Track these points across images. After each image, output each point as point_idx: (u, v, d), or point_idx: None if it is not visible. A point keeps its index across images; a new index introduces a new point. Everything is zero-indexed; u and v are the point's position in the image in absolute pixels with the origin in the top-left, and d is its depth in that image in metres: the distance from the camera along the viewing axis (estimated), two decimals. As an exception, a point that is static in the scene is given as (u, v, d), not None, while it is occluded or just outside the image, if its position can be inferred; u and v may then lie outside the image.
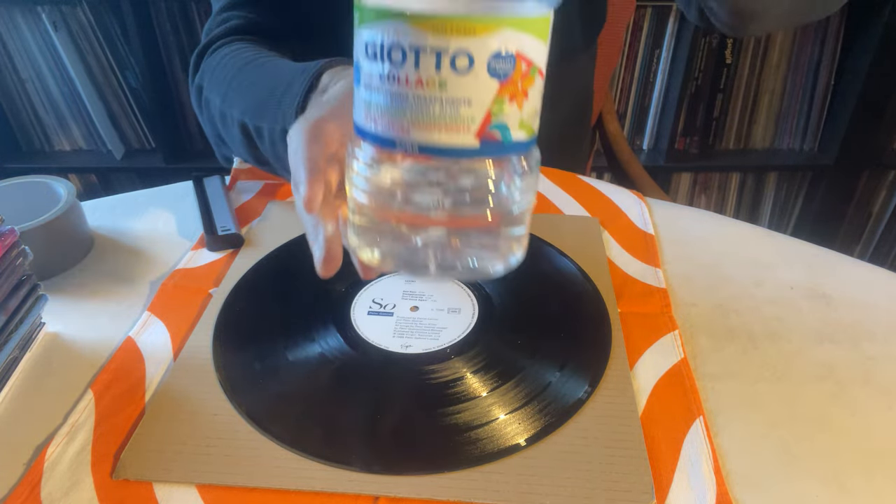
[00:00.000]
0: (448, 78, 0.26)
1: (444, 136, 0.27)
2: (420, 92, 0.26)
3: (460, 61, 0.25)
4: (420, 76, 0.26)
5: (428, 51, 0.25)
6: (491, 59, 0.26)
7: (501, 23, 0.25)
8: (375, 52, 0.26)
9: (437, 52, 0.25)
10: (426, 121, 0.26)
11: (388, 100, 0.26)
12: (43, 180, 0.56)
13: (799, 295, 0.51)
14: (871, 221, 1.63)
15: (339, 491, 0.35)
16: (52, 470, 0.37)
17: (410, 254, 0.29)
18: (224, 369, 0.43)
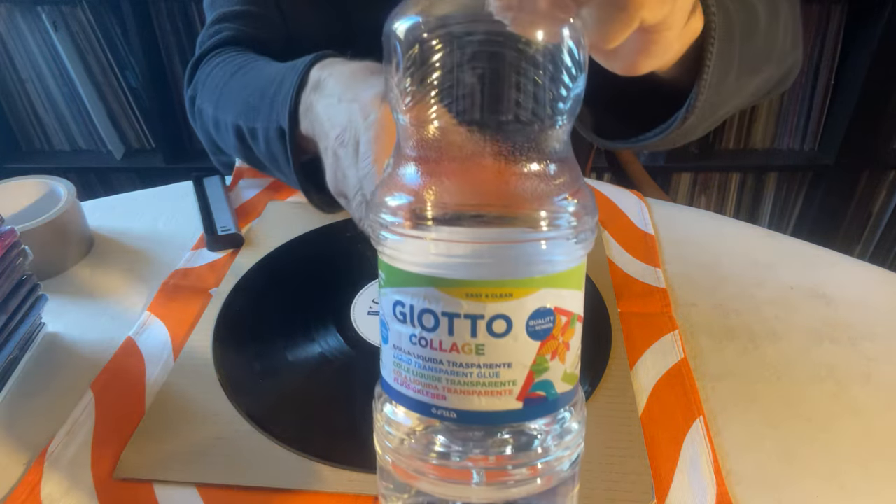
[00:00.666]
0: (486, 343, 0.24)
1: (483, 401, 0.25)
2: (456, 357, 0.24)
3: (498, 326, 0.24)
4: (455, 342, 0.24)
5: (462, 317, 0.24)
6: (529, 320, 0.24)
7: (538, 283, 0.24)
8: (405, 315, 0.25)
9: (472, 318, 0.24)
10: (464, 387, 0.25)
11: (421, 364, 0.25)
12: (43, 180, 0.56)
13: (799, 295, 0.51)
14: (871, 221, 1.63)
15: (339, 491, 0.35)
16: (52, 470, 0.37)
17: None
18: (224, 369, 0.43)
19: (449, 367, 0.24)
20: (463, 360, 0.24)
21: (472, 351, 0.24)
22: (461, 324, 0.24)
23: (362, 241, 0.56)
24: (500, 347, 0.24)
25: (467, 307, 0.24)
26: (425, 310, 0.24)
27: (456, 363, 0.24)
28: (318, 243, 0.56)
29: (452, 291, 0.24)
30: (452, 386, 0.25)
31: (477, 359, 0.24)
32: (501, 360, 0.24)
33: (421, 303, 0.24)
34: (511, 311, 0.24)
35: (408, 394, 0.26)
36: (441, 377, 0.25)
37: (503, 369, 0.24)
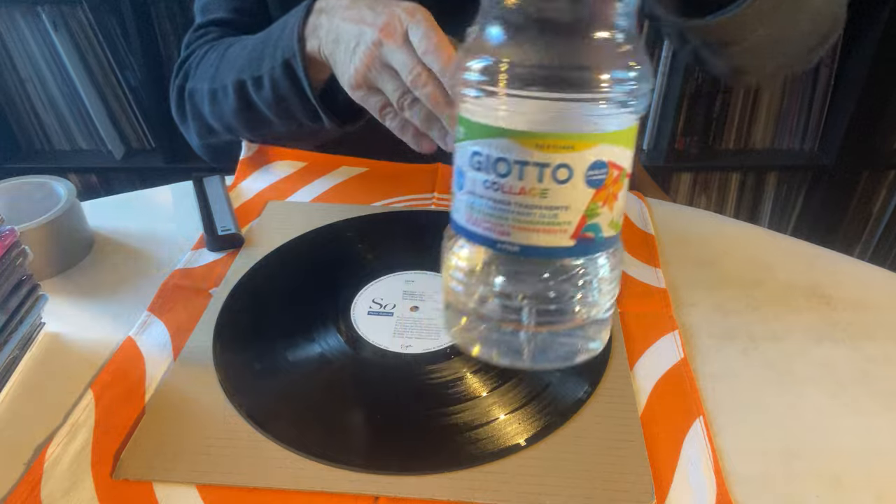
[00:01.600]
0: (549, 188, 0.28)
1: (542, 238, 0.29)
2: (522, 199, 0.29)
3: (561, 174, 0.28)
4: (523, 186, 0.29)
5: (531, 165, 0.28)
6: (588, 170, 0.28)
7: (598, 139, 0.28)
8: (481, 163, 0.29)
9: (540, 165, 0.28)
10: (527, 225, 0.29)
11: (492, 206, 0.29)
12: (43, 180, 0.56)
13: (799, 295, 0.51)
14: (871, 221, 1.63)
15: (339, 491, 0.35)
16: (52, 470, 0.37)
17: (506, 345, 0.33)
18: (224, 369, 0.43)
19: (516, 208, 0.29)
20: (528, 202, 0.29)
21: (538, 194, 0.29)
22: (530, 170, 0.28)
23: (362, 241, 0.56)
24: (561, 192, 0.29)
25: (536, 156, 0.28)
26: (500, 158, 0.28)
27: (522, 204, 0.29)
28: (318, 243, 0.56)
29: (524, 142, 0.28)
30: (518, 224, 0.29)
31: (540, 201, 0.29)
32: (561, 203, 0.29)
33: (496, 152, 0.29)
34: (572, 161, 0.28)
35: (478, 231, 0.30)
36: (508, 217, 0.29)
37: (562, 211, 0.29)
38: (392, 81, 0.47)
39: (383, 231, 0.58)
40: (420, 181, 0.65)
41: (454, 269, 0.33)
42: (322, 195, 0.63)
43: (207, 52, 0.64)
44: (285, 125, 0.58)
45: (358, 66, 0.47)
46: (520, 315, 0.31)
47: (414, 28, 0.45)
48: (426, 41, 0.44)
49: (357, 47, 0.47)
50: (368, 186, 0.64)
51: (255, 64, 0.55)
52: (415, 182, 0.65)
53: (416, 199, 0.62)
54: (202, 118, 0.64)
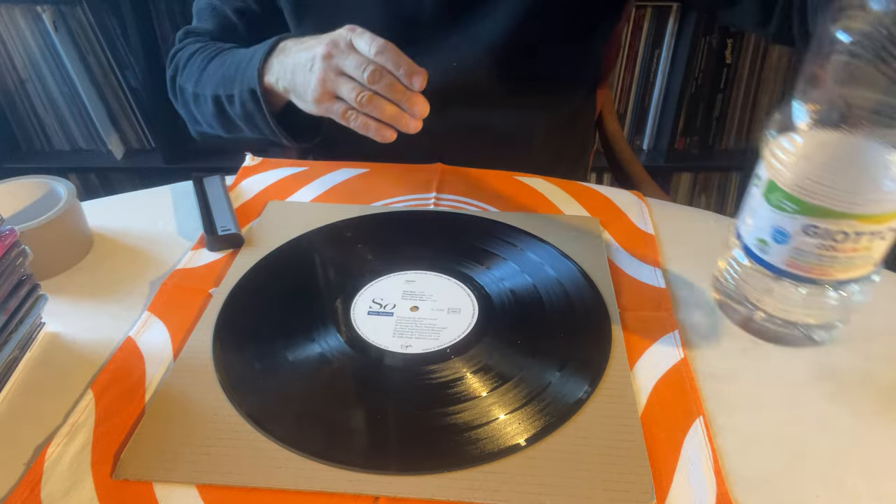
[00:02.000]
0: (872, 245, 0.38)
1: (852, 273, 0.40)
2: (850, 255, 0.38)
3: (878, 235, 0.38)
4: (854, 246, 0.38)
5: (866, 234, 0.37)
6: (889, 229, 0.38)
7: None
8: (817, 232, 0.38)
9: (869, 233, 0.37)
10: (848, 267, 0.39)
11: (819, 259, 0.39)
12: (43, 180, 0.56)
13: (799, 295, 0.50)
14: (871, 221, 1.63)
15: (339, 491, 0.35)
16: (52, 470, 0.37)
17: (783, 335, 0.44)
18: (224, 369, 0.43)
19: (845, 260, 0.39)
20: (854, 255, 0.39)
21: (860, 250, 0.38)
22: (862, 236, 0.38)
23: (362, 241, 0.56)
24: (877, 243, 0.39)
25: (868, 228, 0.37)
26: (839, 230, 0.37)
27: (849, 258, 0.39)
28: (318, 243, 0.56)
29: (863, 219, 0.37)
30: (841, 268, 0.39)
31: (863, 253, 0.39)
32: (875, 253, 0.39)
33: (835, 227, 0.37)
34: (888, 225, 0.38)
35: (799, 274, 0.40)
36: (835, 265, 0.39)
37: (876, 254, 0.39)
38: (347, 84, 0.53)
39: (383, 231, 0.58)
40: (420, 181, 0.65)
41: (760, 290, 0.43)
42: (322, 195, 0.63)
43: (195, 52, 0.72)
44: (255, 133, 0.67)
45: (315, 82, 0.55)
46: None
47: (357, 37, 0.53)
48: (374, 43, 0.52)
49: (312, 66, 0.55)
50: (368, 186, 0.64)
51: (228, 83, 0.64)
52: (415, 182, 0.65)
53: (416, 199, 0.62)
54: (189, 111, 0.73)
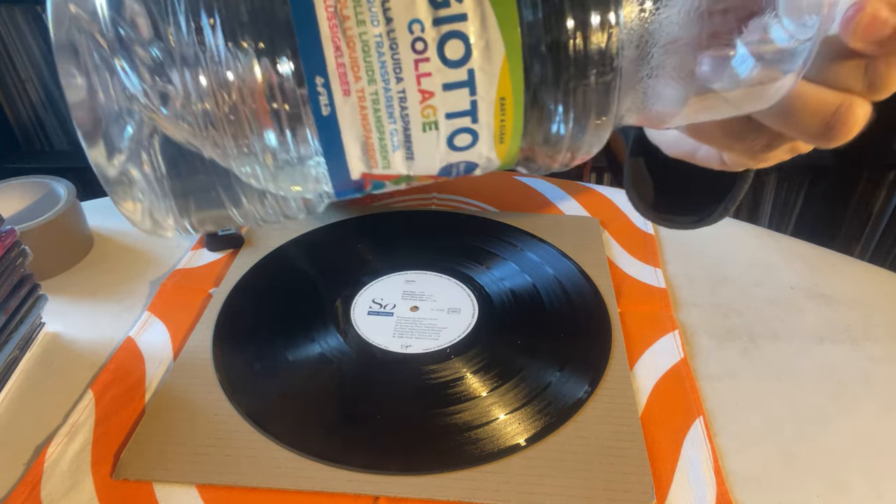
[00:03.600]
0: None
1: None
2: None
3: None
4: None
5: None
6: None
7: None
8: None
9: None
10: None
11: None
12: (43, 180, 0.56)
13: (799, 295, 0.51)
14: (871, 221, 1.63)
15: (339, 491, 0.35)
16: (52, 470, 0.37)
17: None
18: (224, 369, 0.43)
19: (399, 91, 0.24)
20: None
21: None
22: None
23: (362, 241, 0.56)
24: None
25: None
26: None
27: None
28: (318, 243, 0.56)
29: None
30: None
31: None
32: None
33: None
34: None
35: None
36: (378, 84, 0.24)
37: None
38: None
39: (383, 231, 0.58)
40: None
41: None
42: (322, 195, 0.63)
43: None
44: None
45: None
46: None
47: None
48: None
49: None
50: (368, 186, 0.64)
51: None
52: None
53: (416, 199, 0.62)
54: None
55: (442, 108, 0.21)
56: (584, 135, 0.23)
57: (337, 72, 0.20)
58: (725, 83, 0.22)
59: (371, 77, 0.20)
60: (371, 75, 0.20)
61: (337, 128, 0.21)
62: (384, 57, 0.20)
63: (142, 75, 0.20)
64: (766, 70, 0.22)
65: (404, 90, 0.20)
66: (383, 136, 0.21)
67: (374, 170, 0.23)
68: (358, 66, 0.20)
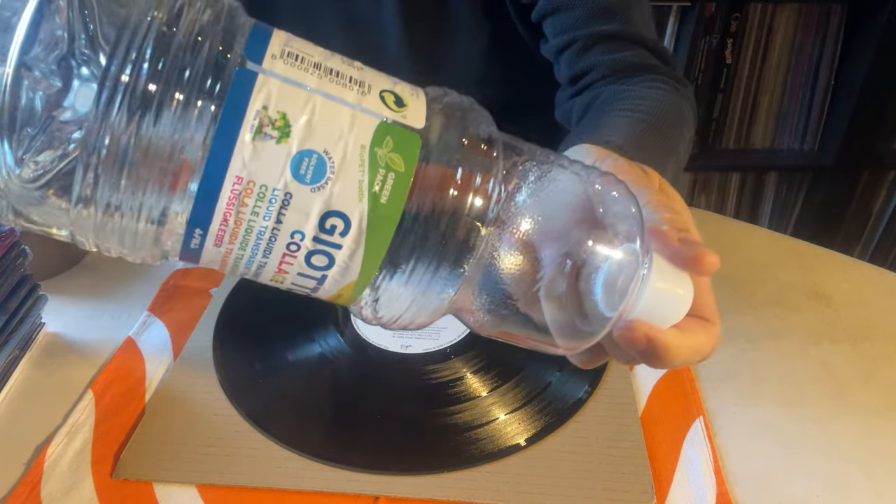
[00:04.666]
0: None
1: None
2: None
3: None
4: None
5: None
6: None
7: None
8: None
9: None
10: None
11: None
12: (43, 180, 0.56)
13: (799, 295, 0.51)
14: (871, 221, 1.63)
15: (339, 491, 0.35)
16: (52, 470, 0.37)
17: None
18: (224, 369, 0.43)
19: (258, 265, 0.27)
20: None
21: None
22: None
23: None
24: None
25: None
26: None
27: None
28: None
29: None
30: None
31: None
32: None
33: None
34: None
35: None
36: (243, 259, 0.27)
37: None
38: None
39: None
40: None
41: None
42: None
43: None
44: None
45: None
46: None
47: None
48: None
49: None
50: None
51: None
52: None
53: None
54: None
55: (290, 280, 0.25)
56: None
57: (216, 234, 0.23)
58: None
59: (243, 247, 0.23)
60: (244, 247, 0.23)
61: (199, 254, 0.24)
62: (261, 241, 0.23)
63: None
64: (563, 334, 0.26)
65: (266, 263, 0.24)
66: (236, 270, 0.25)
67: (219, 271, 0.26)
68: (236, 237, 0.23)
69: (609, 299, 0.24)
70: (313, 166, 0.22)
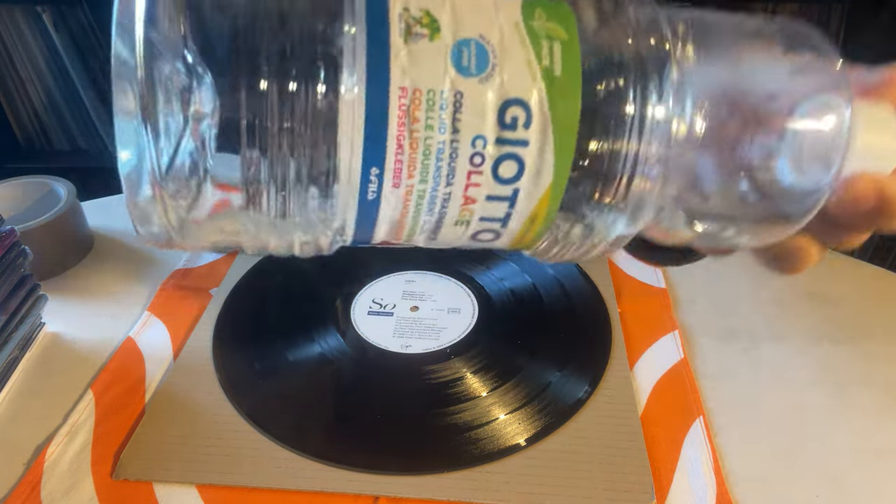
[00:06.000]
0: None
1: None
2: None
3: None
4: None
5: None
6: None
7: None
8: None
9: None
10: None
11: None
12: (43, 180, 0.56)
13: (799, 295, 0.51)
14: (871, 221, 1.63)
15: (339, 491, 0.35)
16: (52, 470, 0.37)
17: None
18: (224, 369, 0.43)
19: (445, 193, 0.24)
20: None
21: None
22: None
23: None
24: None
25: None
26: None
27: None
28: (318, 243, 0.56)
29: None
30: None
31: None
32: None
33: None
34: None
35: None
36: (428, 185, 0.23)
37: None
38: None
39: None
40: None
41: None
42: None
43: None
44: None
45: None
46: None
47: None
48: None
49: None
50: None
51: None
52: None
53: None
54: None
55: (478, 213, 0.22)
56: (605, 245, 0.24)
57: (393, 167, 0.20)
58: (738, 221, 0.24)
59: (424, 178, 0.21)
60: (424, 176, 0.21)
61: (377, 211, 0.22)
62: (441, 163, 0.21)
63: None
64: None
65: (450, 193, 0.21)
66: (416, 224, 0.22)
67: (395, 242, 0.24)
68: (414, 166, 0.20)
69: (815, 163, 0.21)
70: (475, 55, 0.20)
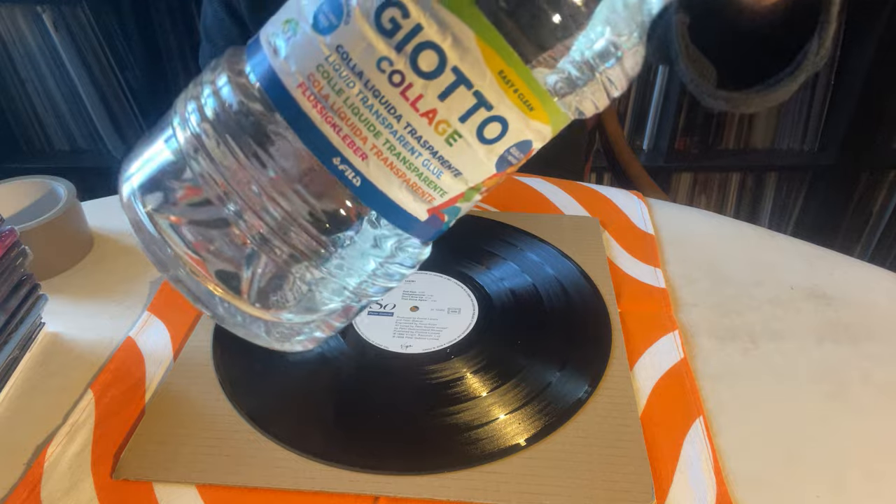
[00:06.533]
0: (465, 133, 0.22)
1: (401, 194, 0.23)
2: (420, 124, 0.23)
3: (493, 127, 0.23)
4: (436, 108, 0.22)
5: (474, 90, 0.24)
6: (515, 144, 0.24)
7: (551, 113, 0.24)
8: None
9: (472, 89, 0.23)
10: (397, 163, 0.23)
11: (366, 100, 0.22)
12: (43, 180, 0.56)
13: (799, 295, 0.51)
14: (871, 221, 1.63)
15: (339, 491, 0.35)
16: (52, 470, 0.37)
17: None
18: (224, 369, 0.43)
19: (403, 127, 0.21)
20: (425, 132, 0.21)
21: (445, 133, 0.21)
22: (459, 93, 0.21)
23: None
24: (468, 148, 0.22)
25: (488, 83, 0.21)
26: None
27: (414, 127, 0.21)
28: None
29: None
30: (388, 153, 0.21)
31: (441, 145, 0.21)
32: (460, 161, 0.22)
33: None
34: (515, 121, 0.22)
35: (313, 118, 0.21)
36: (382, 134, 0.21)
37: (450, 173, 0.22)
38: None
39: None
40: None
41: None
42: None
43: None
44: None
45: None
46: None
47: None
48: None
49: None
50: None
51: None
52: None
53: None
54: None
55: (452, 117, 0.20)
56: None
57: (344, 143, 0.20)
58: None
59: (375, 130, 0.20)
60: (374, 129, 0.20)
61: (375, 188, 0.21)
62: (374, 107, 0.19)
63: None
64: None
65: (409, 123, 0.20)
66: (419, 170, 0.21)
67: (434, 202, 0.22)
68: (359, 129, 0.19)
69: None
70: (331, 12, 0.19)
